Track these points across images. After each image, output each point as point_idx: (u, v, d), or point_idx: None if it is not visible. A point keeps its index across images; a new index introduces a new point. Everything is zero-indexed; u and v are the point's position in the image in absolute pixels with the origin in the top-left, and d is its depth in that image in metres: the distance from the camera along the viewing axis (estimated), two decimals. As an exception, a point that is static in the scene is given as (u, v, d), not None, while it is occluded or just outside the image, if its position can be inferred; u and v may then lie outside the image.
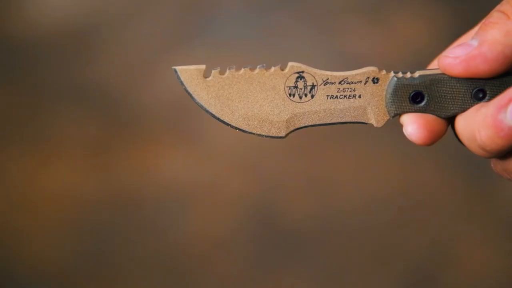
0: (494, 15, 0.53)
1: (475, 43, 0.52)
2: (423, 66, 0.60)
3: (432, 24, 1.64)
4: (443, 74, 0.55)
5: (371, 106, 0.56)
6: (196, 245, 1.36)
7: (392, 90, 0.55)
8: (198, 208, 1.40)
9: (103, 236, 1.37)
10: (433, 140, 0.55)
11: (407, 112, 0.55)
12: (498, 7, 0.53)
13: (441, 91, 0.55)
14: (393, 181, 1.39)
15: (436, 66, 0.57)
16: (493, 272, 1.33)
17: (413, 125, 0.55)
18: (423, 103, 0.55)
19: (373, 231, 1.37)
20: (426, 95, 0.55)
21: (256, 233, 1.37)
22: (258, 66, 0.55)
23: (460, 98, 0.55)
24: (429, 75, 0.55)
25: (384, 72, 0.55)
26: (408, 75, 0.55)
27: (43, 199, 1.40)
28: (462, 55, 0.52)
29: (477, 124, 0.52)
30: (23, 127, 1.50)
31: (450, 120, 0.56)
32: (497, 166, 0.56)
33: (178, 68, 0.55)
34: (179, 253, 1.35)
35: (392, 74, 0.55)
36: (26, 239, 1.36)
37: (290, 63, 0.55)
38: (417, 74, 0.55)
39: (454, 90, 0.54)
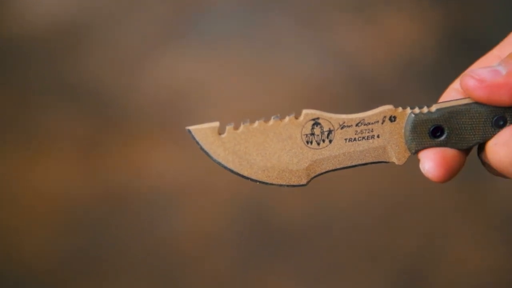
0: None
1: (503, 71, 0.51)
2: (413, 63, 0.59)
3: (422, 21, 1.64)
4: (461, 105, 0.54)
5: (390, 145, 0.55)
6: (187, 243, 1.36)
7: (411, 127, 0.54)
8: (189, 206, 1.40)
9: (94, 234, 1.36)
10: (450, 177, 0.54)
11: (428, 147, 0.54)
12: None
13: (461, 122, 0.54)
14: (385, 179, 1.40)
15: (449, 97, 0.56)
16: (485, 271, 1.33)
17: (430, 163, 0.54)
18: (443, 137, 0.54)
19: (364, 230, 1.37)
20: (446, 129, 0.54)
21: (247, 231, 1.37)
22: (272, 117, 0.54)
23: (481, 128, 0.54)
24: (447, 107, 0.54)
25: (400, 109, 0.54)
26: (425, 110, 0.54)
27: (32, 197, 1.40)
28: (488, 81, 0.51)
29: None
30: (13, 125, 1.49)
31: (467, 152, 0.55)
32: None
33: (192, 128, 0.54)
34: (170, 251, 1.35)
35: (409, 110, 0.54)
36: (16, 237, 1.36)
37: (304, 111, 0.54)
38: (434, 108, 0.54)
39: (474, 120, 0.54)
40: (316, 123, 0.54)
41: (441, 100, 0.57)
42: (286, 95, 1.53)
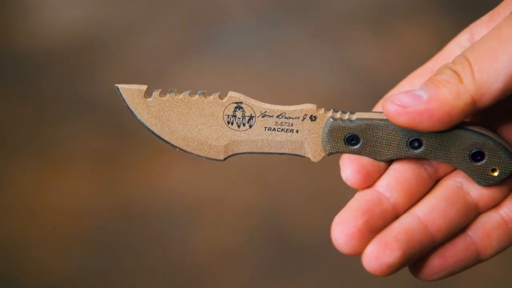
0: (447, 73, 0.51)
1: (424, 96, 0.51)
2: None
3: (437, 34, 1.64)
4: (380, 120, 0.54)
5: (308, 142, 0.56)
6: (204, 257, 1.36)
7: (327, 130, 0.55)
8: (206, 220, 1.40)
9: (110, 248, 1.37)
10: (369, 184, 0.54)
11: (342, 152, 0.55)
12: (452, 65, 0.51)
13: (377, 136, 0.54)
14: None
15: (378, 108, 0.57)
16: (495, 283, 1.33)
17: (348, 170, 0.55)
18: (358, 146, 0.55)
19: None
20: (361, 138, 0.55)
21: (263, 245, 1.37)
22: (198, 92, 0.56)
23: (396, 145, 0.54)
24: (366, 119, 0.54)
25: (322, 111, 0.55)
26: (346, 116, 0.55)
27: (49, 211, 1.41)
28: (410, 107, 0.51)
29: None
30: (30, 139, 1.50)
31: (387, 163, 0.55)
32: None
33: (120, 86, 0.57)
34: (187, 265, 1.35)
35: (329, 114, 0.55)
36: (33, 251, 1.36)
37: (230, 93, 0.56)
38: (354, 116, 0.55)
39: (390, 137, 0.54)
40: (238, 106, 0.56)
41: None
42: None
